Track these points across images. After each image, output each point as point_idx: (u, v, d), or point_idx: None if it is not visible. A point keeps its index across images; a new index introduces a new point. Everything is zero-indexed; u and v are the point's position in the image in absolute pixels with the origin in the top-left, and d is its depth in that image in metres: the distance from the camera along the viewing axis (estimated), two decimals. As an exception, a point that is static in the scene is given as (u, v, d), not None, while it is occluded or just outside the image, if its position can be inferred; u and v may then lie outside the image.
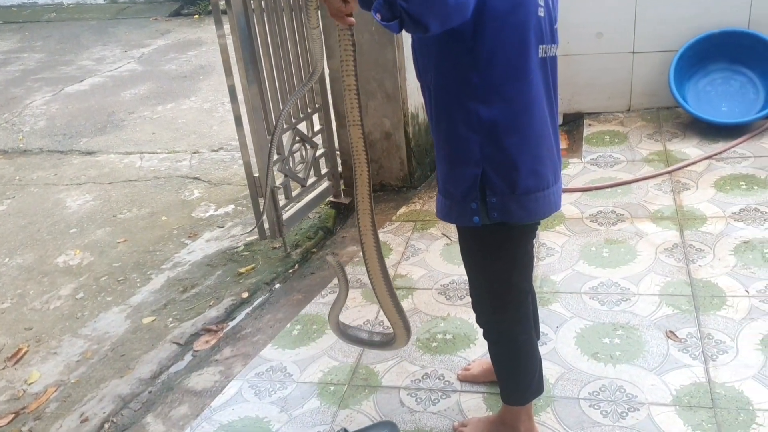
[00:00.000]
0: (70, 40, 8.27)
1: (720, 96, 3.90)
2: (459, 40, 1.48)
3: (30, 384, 2.63)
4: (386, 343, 1.93)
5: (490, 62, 1.49)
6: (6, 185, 4.57)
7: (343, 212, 3.69)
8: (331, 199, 3.71)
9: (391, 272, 2.95)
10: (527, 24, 1.50)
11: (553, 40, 1.61)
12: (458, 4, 1.33)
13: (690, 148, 3.68)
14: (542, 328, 2.26)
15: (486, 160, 1.57)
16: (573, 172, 3.60)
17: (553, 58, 1.62)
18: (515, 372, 1.92)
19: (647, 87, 4.13)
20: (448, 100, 1.57)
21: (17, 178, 4.67)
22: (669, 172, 3.46)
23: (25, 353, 2.82)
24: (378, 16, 1.31)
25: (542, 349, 2.31)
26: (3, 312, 3.14)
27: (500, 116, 1.53)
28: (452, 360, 2.39)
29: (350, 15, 1.44)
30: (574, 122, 4.19)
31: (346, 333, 2.00)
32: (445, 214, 1.71)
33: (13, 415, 2.46)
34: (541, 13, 1.53)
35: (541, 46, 1.54)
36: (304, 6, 1.55)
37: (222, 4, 2.86)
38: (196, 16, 8.70)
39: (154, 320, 2.93)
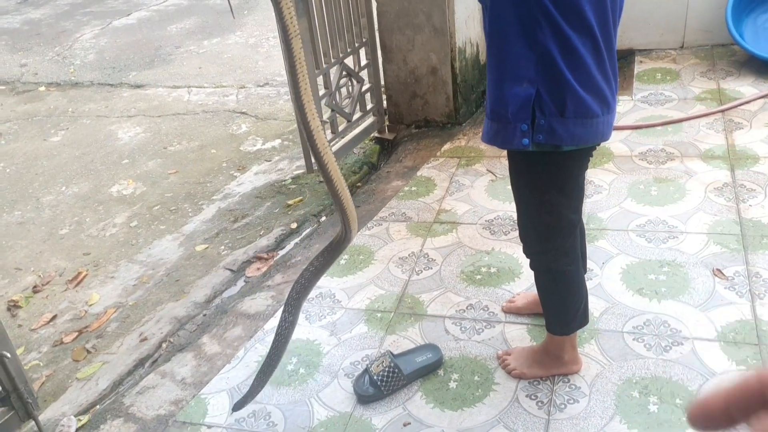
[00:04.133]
0: (116, -26, 8.28)
1: (780, 33, 3.76)
2: None
3: (91, 305, 2.76)
4: (336, 248, 1.70)
5: None
6: (60, 117, 4.68)
7: (387, 148, 3.71)
8: (376, 134, 3.73)
9: (435, 207, 2.99)
10: None
11: None
12: None
13: (745, 87, 3.58)
14: (588, 263, 2.28)
15: (540, 79, 1.55)
16: (623, 109, 3.54)
17: None
18: (561, 302, 1.94)
19: (702, 23, 4.00)
20: (506, 18, 1.54)
21: (70, 110, 4.78)
22: (722, 111, 3.38)
23: (84, 277, 2.95)
24: None
25: (587, 284, 2.33)
26: (62, 238, 3.28)
27: (558, 37, 1.51)
28: (496, 292, 2.43)
29: None
30: (625, 59, 4.10)
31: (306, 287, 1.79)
32: (492, 137, 1.68)
33: (77, 333, 2.60)
34: None
35: None
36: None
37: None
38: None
39: (206, 248, 3.03)
